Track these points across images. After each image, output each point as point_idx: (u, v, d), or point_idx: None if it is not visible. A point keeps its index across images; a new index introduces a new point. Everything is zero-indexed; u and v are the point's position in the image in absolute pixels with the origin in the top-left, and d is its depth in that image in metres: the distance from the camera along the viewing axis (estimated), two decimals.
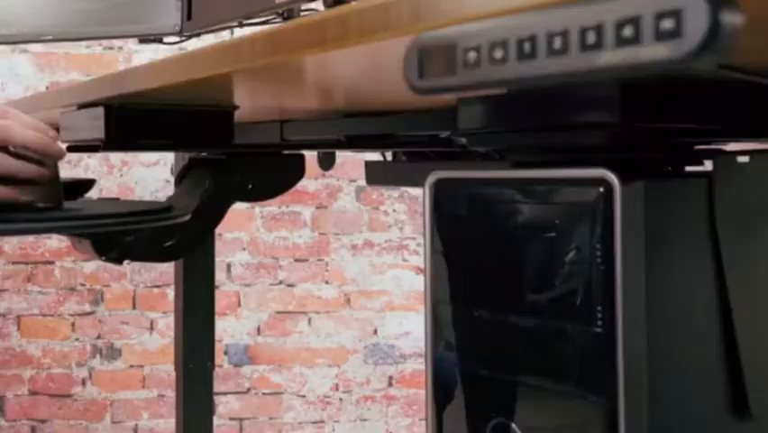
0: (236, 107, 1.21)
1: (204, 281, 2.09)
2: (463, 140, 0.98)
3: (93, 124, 1.12)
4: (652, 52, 0.38)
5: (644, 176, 0.74)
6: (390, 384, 2.93)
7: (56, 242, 2.77)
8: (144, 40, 1.87)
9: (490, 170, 0.86)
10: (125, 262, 2.55)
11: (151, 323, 2.85)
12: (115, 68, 2.80)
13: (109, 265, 2.76)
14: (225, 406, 2.83)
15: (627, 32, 0.39)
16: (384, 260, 2.92)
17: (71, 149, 1.23)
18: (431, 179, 0.85)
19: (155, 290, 2.85)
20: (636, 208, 0.73)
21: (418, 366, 2.88)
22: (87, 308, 2.82)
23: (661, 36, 0.38)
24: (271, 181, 1.36)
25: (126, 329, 2.84)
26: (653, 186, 0.75)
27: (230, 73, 0.86)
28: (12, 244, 2.76)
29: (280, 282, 2.90)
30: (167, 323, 2.80)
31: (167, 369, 2.82)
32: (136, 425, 2.84)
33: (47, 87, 2.78)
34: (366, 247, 2.92)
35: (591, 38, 0.41)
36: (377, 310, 2.93)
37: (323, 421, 2.91)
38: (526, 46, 0.45)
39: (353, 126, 1.37)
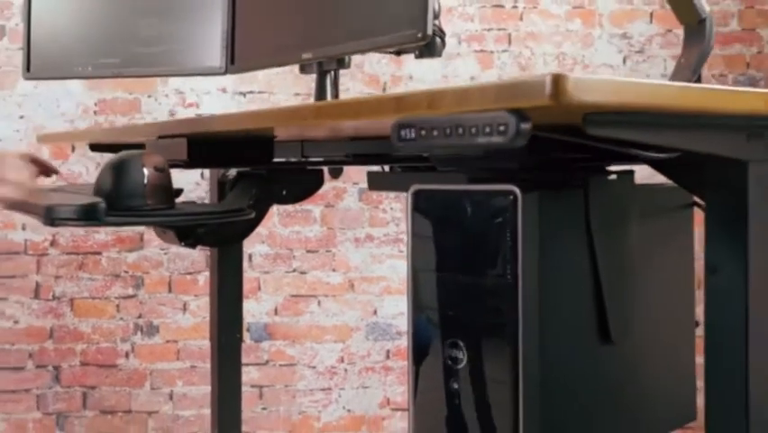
0: (275, 137, 1.46)
1: (233, 268, 2.19)
2: (435, 162, 1.33)
3: (178, 150, 1.39)
4: (496, 139, 0.80)
5: (538, 189, 1.05)
6: (388, 357, 3.01)
7: (103, 235, 2.88)
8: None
9: (450, 184, 1.18)
10: (164, 252, 2.87)
11: (185, 304, 2.94)
12: (154, 89, 2.92)
13: (148, 255, 2.92)
14: (247, 376, 2.84)
15: (487, 129, 0.80)
16: (383, 251, 3.01)
17: None
18: (411, 189, 1.16)
19: (188, 276, 2.94)
20: (533, 211, 1.04)
21: None
22: (130, 291, 2.93)
23: (499, 133, 0.79)
24: (299, 189, 1.57)
25: (163, 310, 2.94)
26: (545, 195, 1.05)
27: (280, 126, 1.14)
28: (65, 237, 2.87)
29: (294, 270, 2.98)
30: (198, 304, 2.93)
31: (198, 343, 2.93)
32: (172, 391, 2.95)
33: (95, 104, 2.89)
34: (367, 240, 3.01)
35: (474, 131, 0.83)
36: (376, 294, 3.01)
37: (330, 389, 3.00)
38: (448, 130, 0.85)
39: (358, 147, 1.55)
